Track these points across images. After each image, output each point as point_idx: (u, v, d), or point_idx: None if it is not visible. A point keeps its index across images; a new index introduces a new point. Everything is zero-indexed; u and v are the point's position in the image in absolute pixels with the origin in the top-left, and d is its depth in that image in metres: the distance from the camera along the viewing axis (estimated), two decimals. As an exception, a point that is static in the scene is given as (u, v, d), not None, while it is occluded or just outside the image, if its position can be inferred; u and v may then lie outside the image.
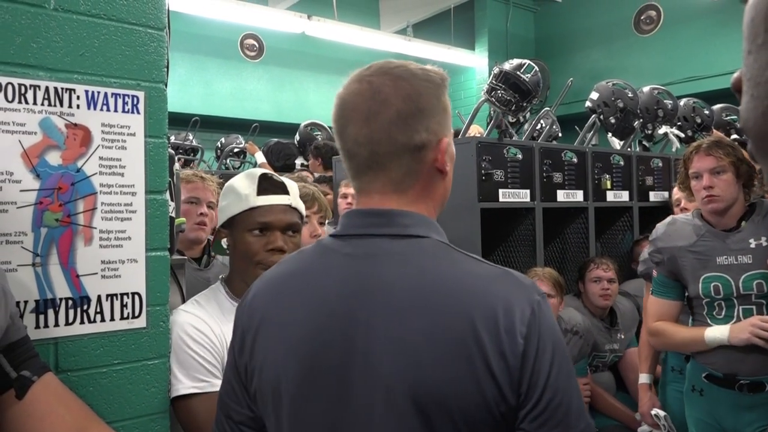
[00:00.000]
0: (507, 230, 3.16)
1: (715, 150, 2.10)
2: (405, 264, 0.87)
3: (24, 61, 1.14)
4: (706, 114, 4.15)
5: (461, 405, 0.79)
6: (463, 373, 0.79)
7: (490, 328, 0.80)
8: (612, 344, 3.02)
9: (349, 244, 0.91)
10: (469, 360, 0.79)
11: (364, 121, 0.89)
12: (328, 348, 0.86)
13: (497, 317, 0.80)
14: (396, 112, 0.88)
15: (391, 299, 0.84)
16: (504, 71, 3.07)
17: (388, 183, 0.91)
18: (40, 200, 1.15)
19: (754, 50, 0.41)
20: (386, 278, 0.86)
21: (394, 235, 0.89)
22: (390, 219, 0.90)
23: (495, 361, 0.79)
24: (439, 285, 0.84)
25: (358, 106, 0.89)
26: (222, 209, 1.52)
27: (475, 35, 8.98)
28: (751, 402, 2.03)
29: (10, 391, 0.98)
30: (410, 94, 0.89)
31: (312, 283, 0.91)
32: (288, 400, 0.88)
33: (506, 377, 0.79)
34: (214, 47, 7.79)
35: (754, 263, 2.03)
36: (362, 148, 0.89)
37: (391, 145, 0.88)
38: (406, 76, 0.90)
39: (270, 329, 0.92)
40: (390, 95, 0.88)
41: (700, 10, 7.10)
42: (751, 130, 0.42)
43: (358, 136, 0.89)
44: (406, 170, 0.90)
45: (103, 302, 1.22)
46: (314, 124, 5.50)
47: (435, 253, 0.88)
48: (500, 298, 0.82)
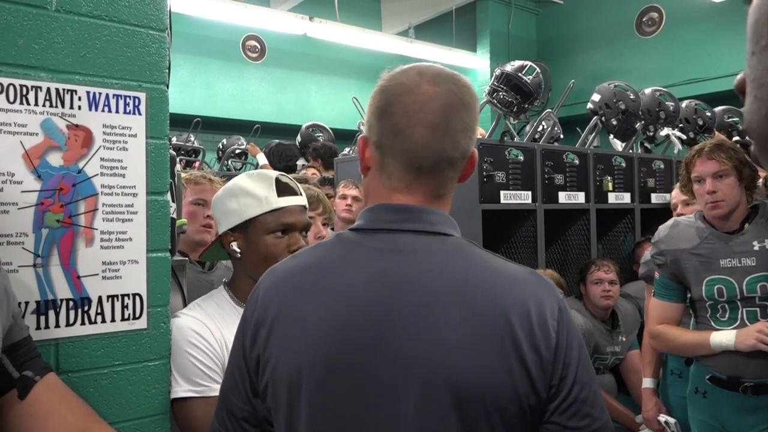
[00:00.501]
0: (508, 232, 3.16)
1: (717, 153, 2.10)
2: (435, 260, 0.88)
3: (26, 62, 1.14)
4: (707, 116, 4.15)
5: (496, 398, 0.80)
6: (498, 366, 0.81)
7: (523, 321, 0.82)
8: (613, 346, 3.02)
9: (375, 238, 0.91)
10: (504, 353, 0.81)
11: (436, 126, 0.89)
12: (355, 344, 0.85)
13: (530, 312, 0.83)
14: (463, 122, 0.91)
15: (422, 294, 0.85)
16: (506, 73, 3.07)
17: (436, 188, 0.93)
18: (41, 201, 1.15)
19: (758, 52, 0.40)
20: (417, 273, 0.86)
21: (423, 232, 0.90)
22: (417, 215, 0.91)
23: (528, 355, 0.81)
24: (471, 280, 0.86)
25: (432, 110, 0.89)
26: (232, 212, 1.45)
27: (476, 37, 8.99)
28: (755, 404, 2.03)
29: (12, 392, 0.98)
30: (469, 106, 0.92)
31: (336, 276, 0.90)
32: (309, 394, 0.86)
33: (539, 370, 0.82)
34: (216, 48, 7.79)
35: (758, 266, 2.02)
36: (428, 153, 0.90)
37: (452, 153, 0.91)
38: (465, 86, 0.94)
39: (288, 322, 0.90)
40: (459, 105, 0.91)
41: (702, 12, 7.10)
42: (755, 131, 0.42)
43: (429, 141, 0.89)
44: (450, 178, 0.94)
45: (104, 303, 1.22)
46: (316, 125, 5.51)
47: (463, 251, 0.90)
48: (530, 294, 0.85)
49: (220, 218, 1.49)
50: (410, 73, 0.93)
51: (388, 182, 0.93)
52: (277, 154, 5.25)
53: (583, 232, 3.39)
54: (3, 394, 0.98)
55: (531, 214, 3.10)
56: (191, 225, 2.05)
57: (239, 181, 1.49)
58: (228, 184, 1.52)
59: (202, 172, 2.37)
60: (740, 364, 2.03)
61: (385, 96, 0.93)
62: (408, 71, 0.94)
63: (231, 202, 1.46)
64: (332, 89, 8.79)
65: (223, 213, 1.48)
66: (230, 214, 1.46)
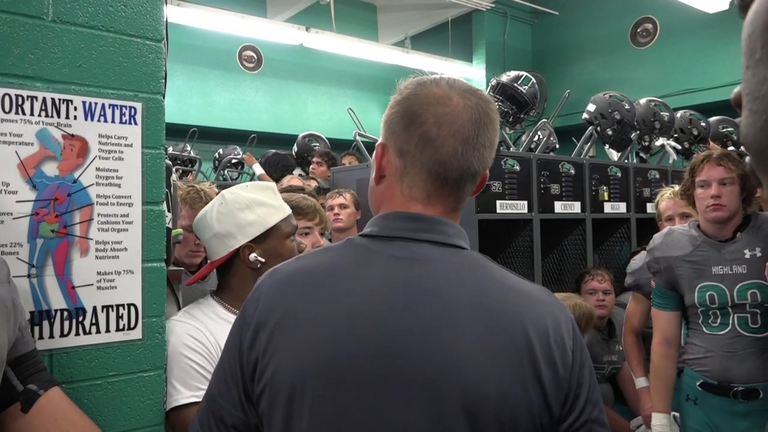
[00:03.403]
0: (505, 241, 3.16)
1: (725, 161, 2.13)
2: (453, 271, 0.87)
3: (22, 72, 1.14)
4: (702, 126, 4.18)
5: (510, 413, 0.79)
6: (514, 382, 0.80)
7: (541, 338, 0.82)
8: (610, 356, 3.01)
9: (391, 246, 0.89)
10: (520, 368, 0.81)
11: (467, 141, 0.89)
12: (367, 353, 0.82)
13: (547, 329, 0.83)
14: (490, 138, 0.92)
15: (439, 306, 0.83)
16: (501, 83, 3.08)
17: (456, 201, 0.93)
18: (36, 211, 1.15)
19: (752, 65, 0.41)
20: (435, 284, 0.85)
21: (440, 243, 0.89)
22: (434, 226, 0.90)
23: (545, 371, 0.81)
24: (490, 294, 0.86)
25: (463, 125, 0.89)
26: (250, 224, 1.46)
27: (472, 47, 9.03)
28: (746, 409, 2.05)
29: (16, 405, 0.98)
30: (496, 121, 0.93)
31: (349, 281, 0.88)
32: (313, 402, 0.83)
33: (554, 388, 0.81)
34: (213, 59, 7.81)
35: (749, 273, 2.05)
36: (457, 166, 0.89)
37: (480, 168, 0.92)
38: (491, 101, 0.94)
39: (293, 325, 0.87)
40: (487, 121, 0.91)
41: (697, 23, 7.14)
42: (751, 144, 0.42)
43: (461, 156, 0.89)
44: (470, 191, 0.94)
45: (99, 314, 1.21)
46: (312, 135, 5.51)
47: (479, 264, 0.90)
48: (547, 311, 0.86)
49: (233, 232, 1.46)
50: (441, 83, 0.92)
51: (408, 191, 0.91)
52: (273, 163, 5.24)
53: (579, 241, 3.39)
54: (7, 407, 0.98)
55: (527, 223, 3.10)
56: (181, 249, 2.01)
57: (244, 194, 1.49)
58: (228, 199, 1.49)
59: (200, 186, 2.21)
60: (730, 368, 2.06)
61: (413, 104, 0.91)
62: (438, 81, 0.93)
63: (246, 214, 1.46)
64: (329, 99, 8.81)
65: (237, 226, 1.46)
66: (248, 225, 1.46)
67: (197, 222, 1.54)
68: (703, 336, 2.15)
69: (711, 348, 2.12)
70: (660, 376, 2.28)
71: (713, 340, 2.12)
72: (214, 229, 1.48)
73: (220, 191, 1.69)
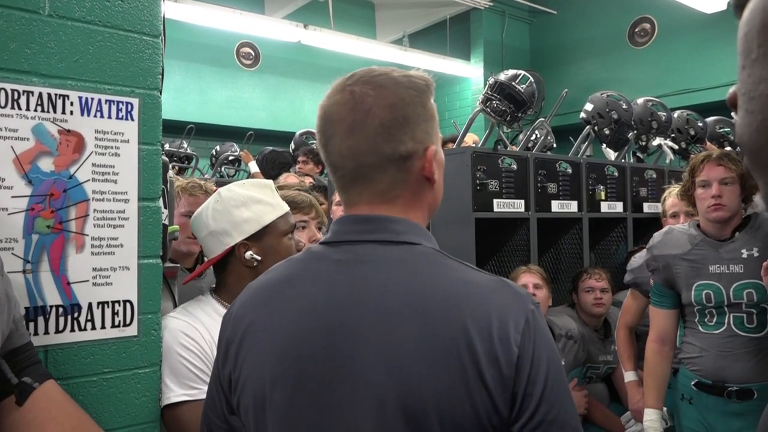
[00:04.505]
0: (501, 240, 3.16)
1: (726, 161, 2.14)
2: (397, 270, 0.85)
3: (18, 66, 1.13)
4: (699, 126, 4.18)
5: (452, 415, 0.76)
6: (454, 382, 0.76)
7: (483, 335, 0.77)
8: (606, 356, 3.02)
9: (339, 251, 0.89)
10: (461, 368, 0.77)
11: (347, 132, 0.86)
12: (315, 356, 0.84)
13: (491, 325, 0.78)
14: (380, 123, 0.86)
15: (381, 306, 0.82)
16: (499, 82, 3.08)
17: (375, 194, 0.89)
18: (31, 206, 1.14)
19: (748, 65, 0.41)
20: (377, 284, 0.84)
21: (387, 242, 0.87)
22: (382, 225, 0.88)
23: (487, 370, 0.76)
24: (431, 291, 0.82)
25: (342, 118, 0.87)
26: (246, 221, 1.46)
27: (470, 46, 9.02)
28: (740, 409, 2.05)
29: (10, 398, 0.97)
30: (394, 103, 0.87)
31: (299, 289, 0.89)
32: (273, 410, 0.85)
33: (499, 387, 0.77)
34: (210, 55, 7.79)
35: (745, 273, 2.06)
36: (347, 161, 0.88)
37: (377, 157, 0.86)
38: (388, 84, 0.88)
39: (255, 337, 0.89)
40: (373, 105, 0.86)
41: (694, 23, 7.15)
42: (746, 144, 0.42)
43: (343, 149, 0.87)
44: (392, 181, 0.88)
45: (94, 310, 1.21)
46: (309, 132, 5.50)
47: (428, 260, 0.86)
48: (495, 305, 0.80)
49: (228, 229, 1.46)
50: (336, 83, 0.91)
51: (340, 197, 0.93)
52: (270, 160, 5.24)
53: (576, 240, 3.40)
54: (1, 400, 0.97)
55: (524, 222, 3.10)
56: (180, 235, 2.03)
57: (241, 191, 1.49)
58: (223, 196, 1.50)
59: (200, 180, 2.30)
60: (724, 367, 2.07)
61: (319, 114, 0.92)
62: (337, 81, 0.92)
63: (242, 212, 1.46)
64: (326, 97, 8.78)
65: (233, 223, 1.46)
66: (244, 222, 1.46)
67: (194, 220, 1.54)
68: (698, 335, 2.16)
69: (706, 347, 2.13)
70: (652, 373, 2.29)
71: (709, 339, 2.13)
72: (210, 226, 1.48)
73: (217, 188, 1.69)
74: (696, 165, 2.22)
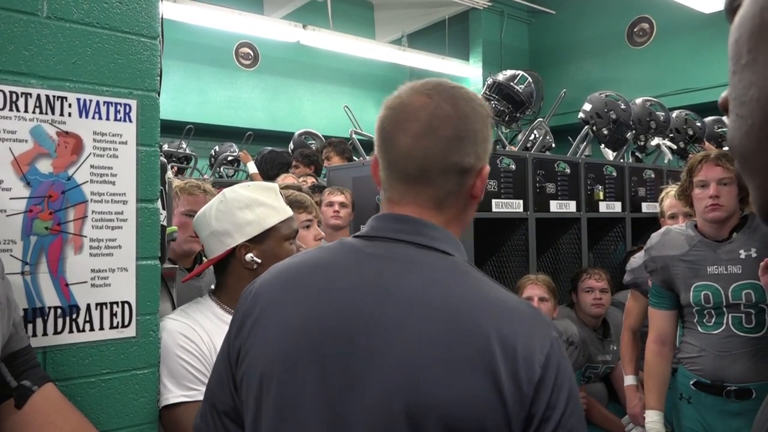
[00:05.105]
0: (500, 240, 3.16)
1: (724, 161, 2.14)
2: (429, 274, 0.85)
3: (16, 68, 1.13)
4: (698, 126, 4.19)
5: (460, 420, 0.75)
6: (468, 388, 0.76)
7: (507, 350, 0.77)
8: (604, 355, 3.02)
9: (373, 245, 0.90)
10: (478, 379, 0.76)
11: (420, 134, 0.88)
12: (331, 337, 0.84)
13: (516, 341, 0.78)
14: (454, 132, 0.88)
15: (406, 302, 0.82)
16: (498, 82, 3.08)
17: (429, 199, 0.90)
18: (30, 208, 1.14)
19: (738, 70, 0.41)
20: (405, 282, 0.84)
21: (421, 245, 0.88)
22: (420, 228, 0.89)
23: (507, 386, 0.76)
24: (458, 301, 0.82)
25: (417, 119, 0.88)
26: (248, 223, 1.46)
27: (469, 46, 9.03)
28: (739, 408, 2.06)
29: (9, 401, 0.98)
30: (468, 116, 0.89)
31: (325, 274, 0.90)
32: (275, 388, 0.85)
33: (516, 404, 0.76)
34: (210, 55, 7.80)
35: (744, 273, 2.06)
36: (412, 161, 0.89)
37: (443, 163, 0.88)
38: (465, 98, 0.91)
39: (271, 313, 0.90)
40: (450, 114, 0.88)
41: (693, 23, 7.16)
42: (737, 148, 0.42)
43: (412, 149, 0.88)
44: (450, 190, 0.90)
45: (93, 311, 1.21)
46: (308, 132, 5.51)
47: (459, 271, 0.87)
48: (521, 324, 0.81)
49: (231, 230, 1.46)
50: (409, 86, 0.93)
51: (387, 194, 0.93)
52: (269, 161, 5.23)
53: (575, 240, 3.40)
54: (0, 403, 0.98)
55: (522, 222, 3.11)
56: (180, 234, 2.04)
57: (245, 193, 1.49)
58: (227, 197, 1.50)
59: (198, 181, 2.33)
60: (723, 367, 2.07)
61: (383, 111, 0.93)
62: (410, 85, 0.93)
63: (245, 214, 1.46)
64: (325, 97, 8.80)
65: (235, 225, 1.46)
66: (246, 225, 1.46)
67: (197, 219, 1.55)
68: (697, 335, 2.16)
69: (705, 347, 2.13)
70: (652, 374, 2.29)
71: (707, 339, 2.13)
72: (212, 226, 1.48)
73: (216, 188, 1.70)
74: (694, 165, 2.22)
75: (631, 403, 2.58)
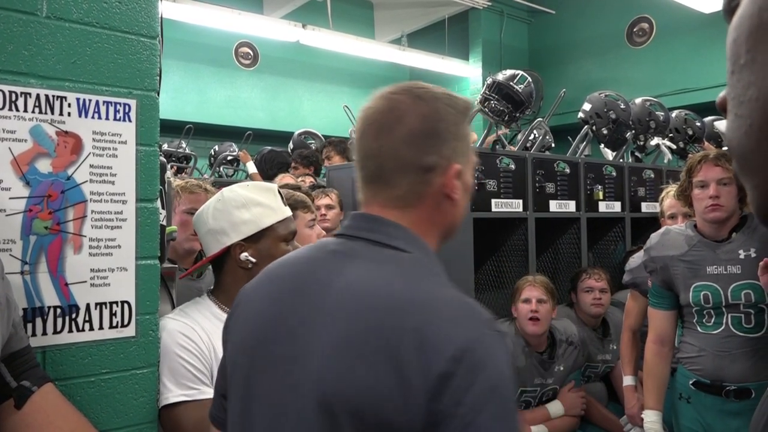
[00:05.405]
0: (499, 240, 3.16)
1: (723, 161, 2.14)
2: (373, 270, 0.85)
3: (15, 68, 1.13)
4: (697, 126, 4.19)
5: (365, 415, 0.75)
6: (375, 382, 0.75)
7: (421, 343, 0.75)
8: (604, 355, 3.03)
9: (338, 243, 0.93)
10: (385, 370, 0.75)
11: (376, 135, 0.90)
12: (269, 332, 0.89)
13: (431, 334, 0.76)
14: (408, 130, 0.88)
15: (334, 298, 0.84)
16: (497, 82, 3.08)
17: (391, 198, 0.91)
18: (29, 208, 1.14)
19: (737, 70, 0.41)
20: (347, 278, 0.85)
21: (377, 242, 0.89)
22: (377, 226, 0.90)
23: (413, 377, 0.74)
24: (395, 295, 0.81)
25: (375, 120, 0.91)
26: (244, 222, 1.46)
27: (469, 45, 9.02)
28: (738, 408, 2.06)
29: (9, 401, 0.98)
30: (426, 115, 0.89)
31: (292, 270, 0.94)
32: (240, 373, 0.92)
33: (421, 396, 0.73)
34: (209, 55, 7.79)
35: (743, 273, 2.06)
36: (370, 162, 0.91)
37: (398, 162, 0.89)
38: (426, 97, 0.91)
39: (244, 307, 0.96)
40: (406, 113, 0.89)
41: (693, 22, 7.16)
42: (735, 149, 0.43)
43: (369, 150, 0.91)
44: (409, 189, 0.90)
45: (92, 311, 1.21)
46: (308, 132, 5.51)
47: (406, 267, 0.86)
48: (445, 319, 0.78)
49: (226, 229, 1.47)
50: (382, 91, 0.95)
51: (359, 195, 0.97)
52: (269, 160, 5.23)
53: (574, 240, 3.40)
54: (0, 403, 0.98)
55: (522, 222, 3.11)
56: (182, 233, 2.04)
57: (243, 192, 1.50)
58: (226, 196, 1.51)
59: (198, 180, 2.35)
60: (723, 367, 2.07)
61: (357, 117, 0.97)
62: (383, 90, 0.96)
63: (242, 213, 1.47)
64: (325, 96, 8.80)
65: (231, 224, 1.47)
66: (242, 224, 1.46)
67: (196, 217, 1.57)
68: (696, 335, 2.16)
69: (704, 347, 2.13)
70: (652, 373, 2.29)
71: (707, 339, 2.13)
72: (209, 224, 1.49)
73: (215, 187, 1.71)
74: (693, 165, 2.22)
75: (629, 404, 2.59)
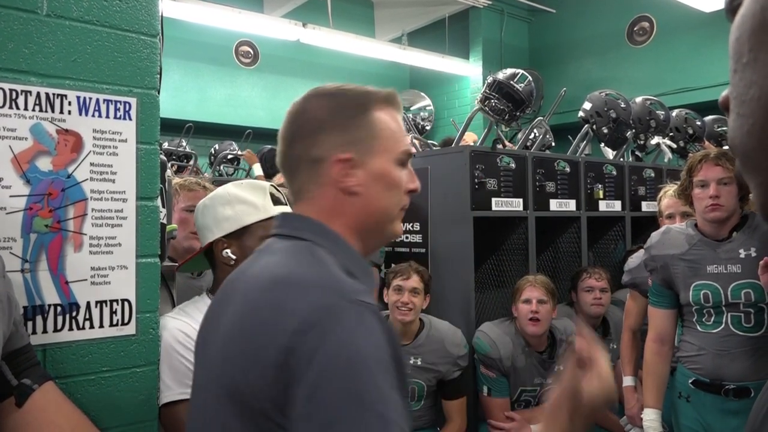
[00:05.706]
0: (500, 239, 3.16)
1: (723, 161, 2.14)
2: (270, 261, 0.90)
3: (16, 66, 1.13)
4: (698, 125, 4.19)
5: (244, 397, 0.79)
6: (246, 365, 0.79)
7: (271, 320, 0.79)
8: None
9: (265, 242, 0.99)
10: (253, 352, 0.79)
11: (280, 135, 0.98)
12: (203, 332, 0.99)
13: (281, 310, 0.78)
14: (298, 127, 0.96)
15: (238, 293, 0.89)
16: (498, 81, 3.08)
17: (293, 193, 0.98)
18: (29, 206, 1.14)
19: (740, 69, 0.41)
20: (251, 272, 0.91)
21: (283, 235, 0.94)
22: (288, 221, 0.97)
23: (272, 357, 0.76)
24: (271, 278, 0.85)
25: (283, 126, 0.98)
26: (226, 219, 1.47)
27: (469, 44, 9.01)
28: (738, 407, 2.06)
29: (10, 399, 0.98)
30: (306, 110, 0.96)
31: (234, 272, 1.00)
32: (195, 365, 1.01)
33: (268, 377, 0.76)
34: (209, 54, 7.78)
35: (743, 273, 2.06)
36: (283, 164, 0.99)
37: (291, 157, 0.96)
38: (316, 95, 0.98)
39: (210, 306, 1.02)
40: (297, 112, 0.97)
41: (693, 22, 7.15)
42: (738, 147, 0.43)
43: (281, 153, 0.99)
44: (305, 182, 0.95)
45: (93, 309, 1.21)
46: (308, 131, 5.49)
47: (295, 253, 0.89)
48: (294, 293, 0.80)
49: (210, 225, 1.50)
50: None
51: None
52: (269, 159, 5.24)
53: (574, 239, 3.40)
54: (1, 401, 0.98)
55: (522, 221, 3.11)
56: (181, 231, 2.04)
57: (231, 190, 1.51)
58: (215, 192, 1.54)
59: (197, 178, 2.36)
60: (722, 366, 2.08)
61: None
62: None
63: (225, 209, 1.48)
64: (325, 95, 8.78)
65: (215, 220, 1.49)
66: (224, 220, 1.48)
67: (194, 213, 1.59)
68: (696, 334, 2.16)
69: (704, 346, 2.13)
70: (651, 372, 2.29)
71: (706, 338, 2.13)
72: (198, 220, 1.55)
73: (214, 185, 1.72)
74: (694, 164, 2.22)
75: (629, 404, 2.59)
